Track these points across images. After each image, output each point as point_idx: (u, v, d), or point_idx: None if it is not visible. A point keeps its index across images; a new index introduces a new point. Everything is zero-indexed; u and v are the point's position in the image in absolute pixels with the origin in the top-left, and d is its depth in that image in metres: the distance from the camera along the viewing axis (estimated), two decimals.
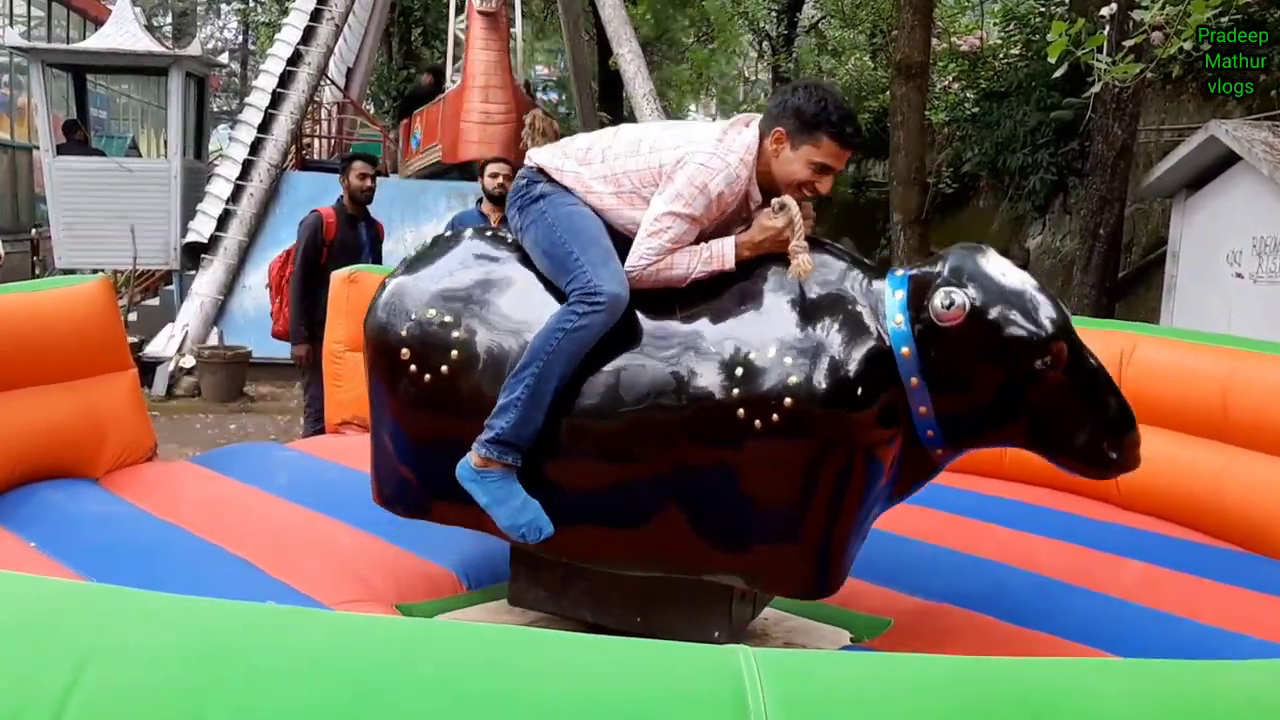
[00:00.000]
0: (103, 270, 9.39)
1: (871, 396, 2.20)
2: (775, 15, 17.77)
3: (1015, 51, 11.29)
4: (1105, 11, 4.77)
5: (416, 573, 2.98)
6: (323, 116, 15.03)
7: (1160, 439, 3.52)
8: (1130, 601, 2.86)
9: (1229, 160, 6.26)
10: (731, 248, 2.37)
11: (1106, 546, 3.24)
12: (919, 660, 1.14)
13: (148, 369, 8.68)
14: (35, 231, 14.86)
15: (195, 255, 9.99)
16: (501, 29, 10.89)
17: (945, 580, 2.99)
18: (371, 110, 17.97)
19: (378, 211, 5.96)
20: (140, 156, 12.99)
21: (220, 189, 10.04)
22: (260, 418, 8.30)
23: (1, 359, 3.43)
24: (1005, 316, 2.16)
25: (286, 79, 10.39)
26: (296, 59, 10.42)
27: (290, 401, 8.70)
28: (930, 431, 2.25)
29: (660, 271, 2.37)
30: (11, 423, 3.45)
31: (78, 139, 10.68)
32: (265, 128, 10.20)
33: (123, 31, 10.46)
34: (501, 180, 5.55)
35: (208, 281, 9.75)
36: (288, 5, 11.99)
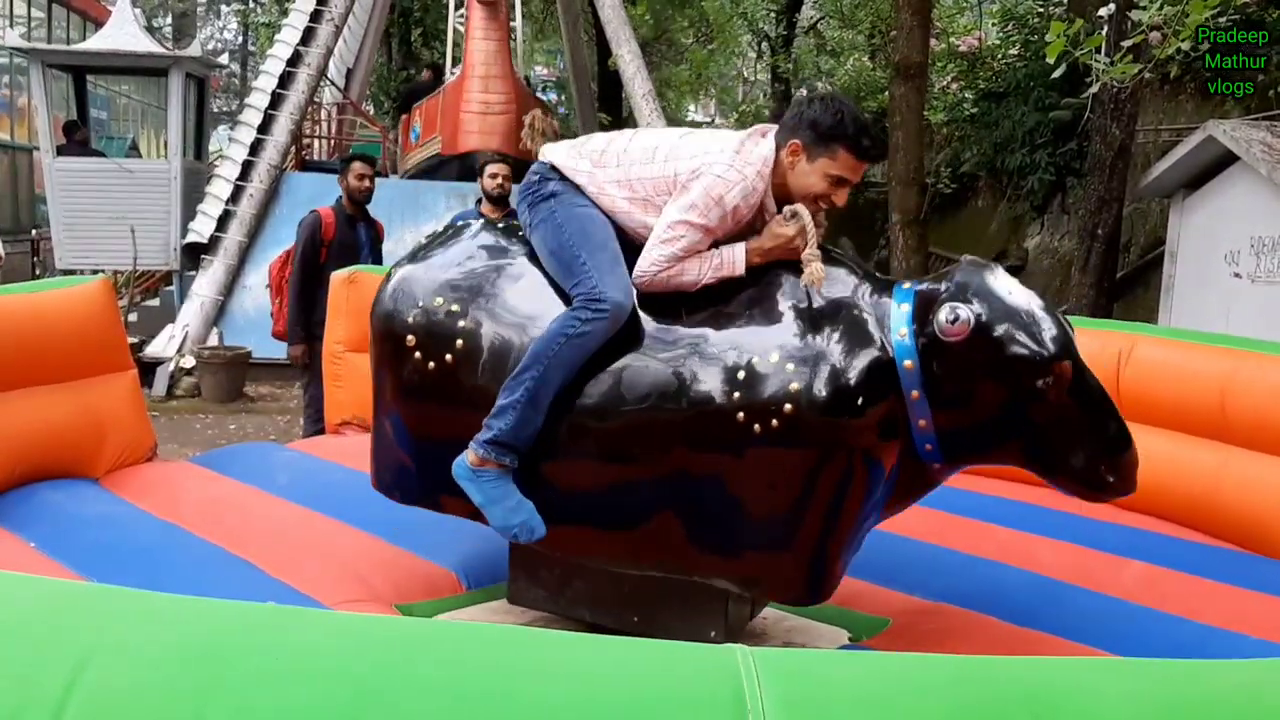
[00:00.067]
0: (103, 271, 9.38)
1: (871, 406, 2.20)
2: (774, 16, 17.76)
3: (1014, 52, 11.28)
4: (1103, 12, 4.76)
5: (416, 573, 2.98)
6: (322, 117, 15.05)
7: (1159, 438, 3.53)
8: (1130, 601, 2.86)
9: (1227, 160, 6.26)
10: (742, 254, 2.37)
11: (1106, 546, 3.24)
12: (918, 660, 1.14)
13: (148, 369, 8.68)
14: (35, 232, 14.85)
15: (195, 256, 9.99)
16: (501, 19, 10.75)
17: (944, 580, 2.99)
18: (371, 111, 17.97)
19: (377, 212, 5.96)
20: (140, 157, 12.98)
21: (220, 190, 10.03)
22: (260, 418, 8.30)
23: (2, 359, 3.43)
24: (1009, 334, 2.15)
25: (286, 80, 10.37)
26: (296, 60, 10.40)
27: (290, 402, 8.70)
28: (929, 445, 2.25)
29: (671, 278, 2.37)
30: (12, 423, 3.45)
31: (78, 140, 10.68)
32: (265, 129, 10.18)
33: (123, 32, 10.45)
34: (501, 181, 5.56)
35: (208, 282, 9.75)
36: (287, 6, 11.97)
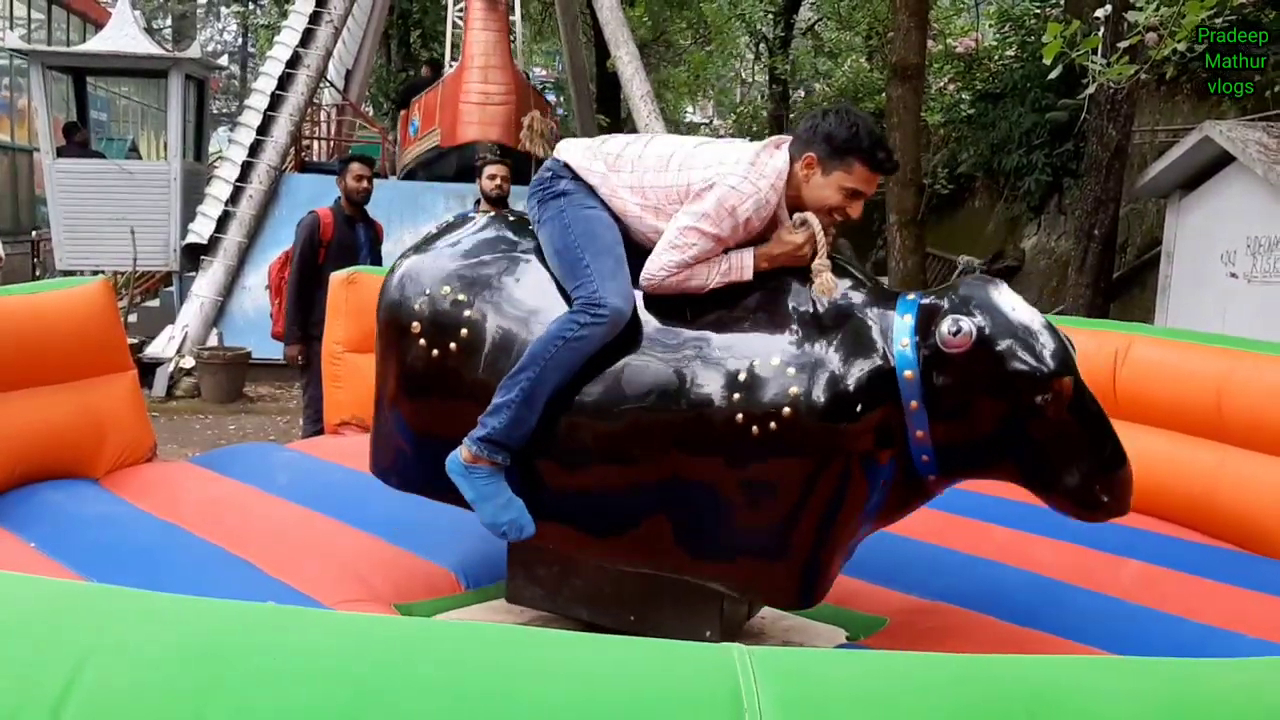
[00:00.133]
0: (103, 272, 9.39)
1: (869, 414, 2.20)
2: (772, 17, 17.76)
3: (1011, 53, 11.30)
4: (1100, 13, 4.77)
5: (415, 572, 2.99)
6: (322, 118, 15.04)
7: (1156, 438, 3.54)
8: (1128, 601, 2.87)
9: (1223, 161, 6.27)
10: (751, 260, 2.37)
11: (1104, 546, 3.23)
12: (915, 659, 1.14)
13: (148, 370, 8.68)
14: (35, 233, 14.84)
15: (195, 257, 9.99)
16: (501, 11, 10.66)
17: (942, 579, 3.00)
18: (370, 112, 17.96)
19: (376, 213, 5.96)
20: (140, 159, 12.96)
21: (220, 191, 10.03)
22: (260, 418, 8.30)
23: (2, 360, 3.44)
24: (1011, 349, 2.15)
25: (285, 81, 10.36)
26: (295, 61, 10.39)
27: (290, 402, 8.71)
28: (925, 457, 2.25)
29: (680, 283, 2.37)
30: (12, 423, 3.45)
31: (78, 141, 10.68)
32: (264, 130, 10.18)
33: (123, 34, 10.45)
34: (499, 182, 5.55)
35: (207, 283, 9.75)
36: (287, 8, 11.97)
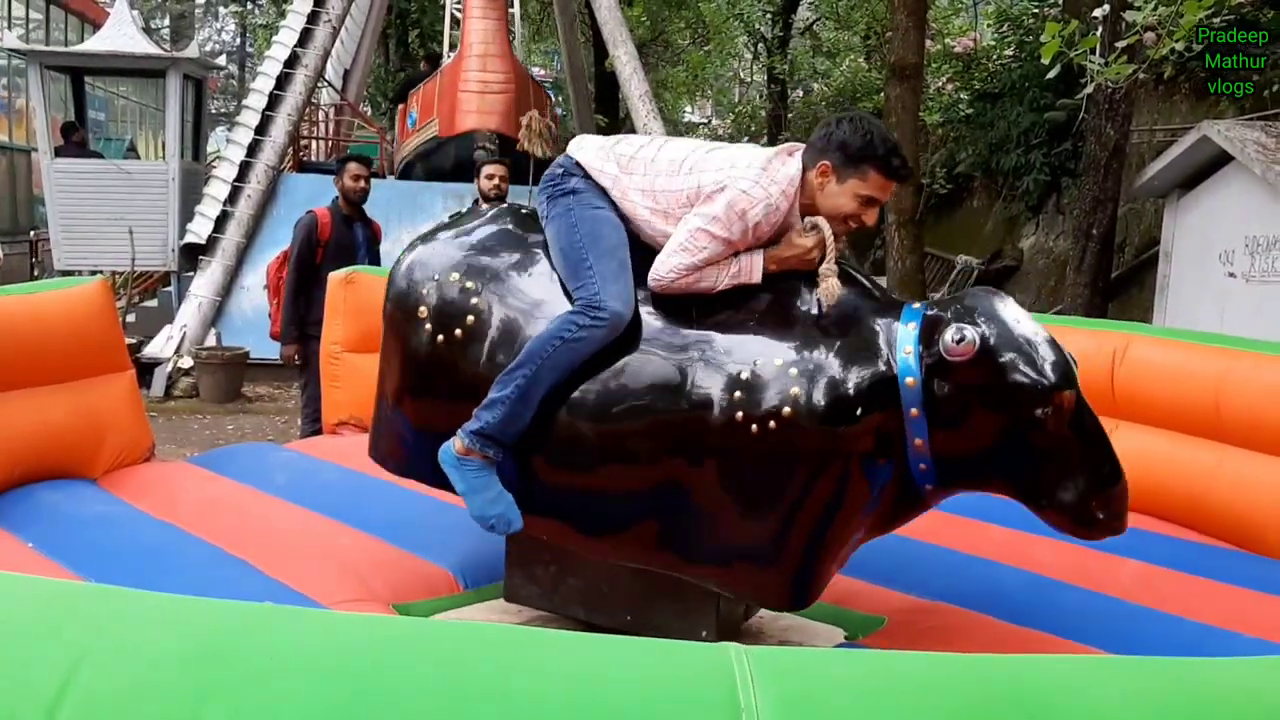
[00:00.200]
0: (101, 272, 9.40)
1: (869, 418, 2.20)
2: (770, 17, 17.77)
3: (1009, 53, 11.30)
4: (1098, 12, 4.78)
5: (413, 572, 2.99)
6: (320, 118, 15.04)
7: (1154, 438, 3.54)
8: (1126, 600, 2.87)
9: (1221, 160, 6.28)
10: (760, 263, 2.38)
11: (1103, 545, 3.22)
12: (913, 658, 1.14)
13: (146, 370, 8.68)
14: (34, 233, 14.84)
15: (193, 257, 9.98)
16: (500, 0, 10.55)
17: (941, 578, 3.00)
18: (368, 112, 17.95)
19: (374, 212, 5.96)
20: (138, 158, 12.96)
21: (218, 191, 10.02)
22: (258, 418, 8.29)
23: (0, 360, 3.44)
24: (1013, 360, 2.15)
25: (283, 81, 10.35)
26: (293, 61, 10.38)
27: (288, 402, 8.71)
28: (923, 465, 2.24)
29: (689, 285, 2.38)
30: (10, 424, 3.45)
31: (76, 141, 10.67)
32: (262, 130, 10.17)
33: (121, 34, 10.44)
34: (497, 182, 5.55)
35: (205, 283, 9.74)
36: (285, 8, 11.96)
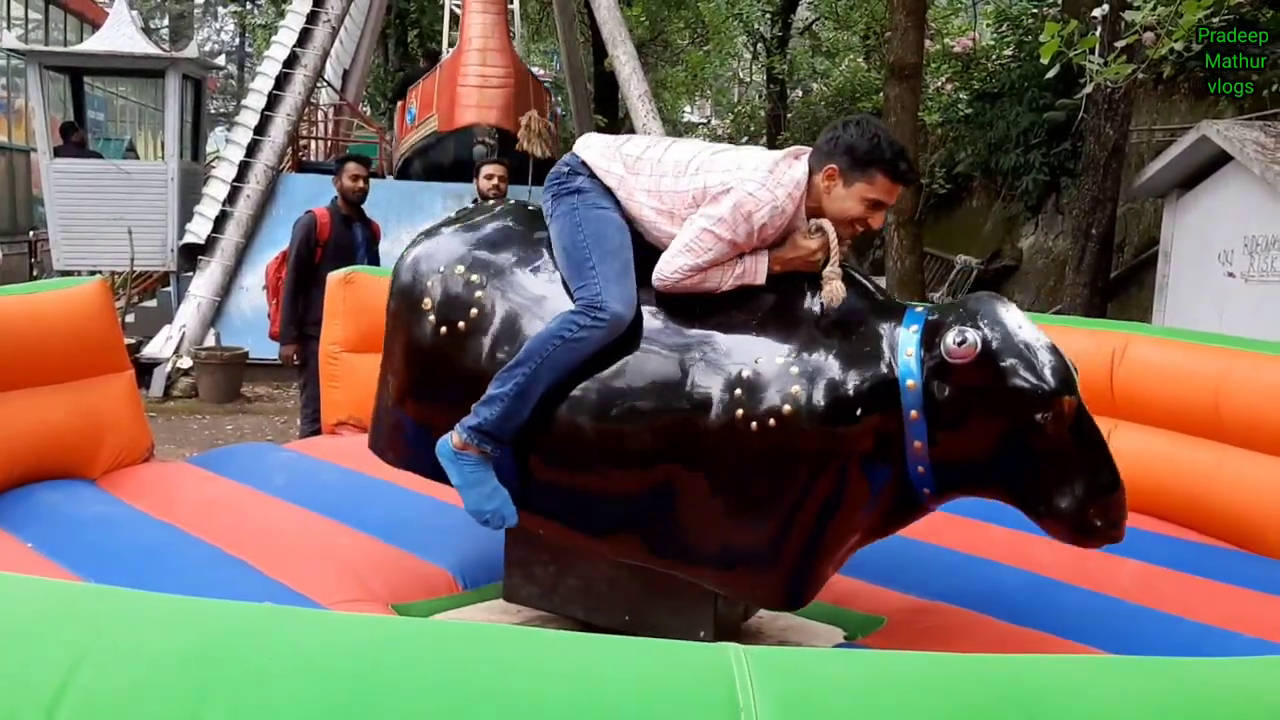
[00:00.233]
0: (100, 272, 9.40)
1: (869, 419, 2.20)
2: (769, 17, 17.78)
3: (1008, 53, 11.31)
4: (1097, 12, 4.78)
5: (412, 573, 2.99)
6: (319, 118, 15.04)
7: (1154, 438, 3.55)
8: (1126, 600, 2.87)
9: (1220, 160, 6.28)
10: (765, 264, 2.38)
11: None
12: (912, 658, 1.14)
13: (145, 370, 8.68)
14: (33, 233, 14.83)
15: (192, 257, 9.98)
16: None
17: (940, 578, 3.00)
18: (368, 112, 17.95)
19: (373, 212, 5.96)
20: (137, 159, 12.97)
21: (217, 191, 10.01)
22: (257, 418, 8.29)
23: (0, 360, 3.44)
24: (1014, 365, 2.15)
25: (283, 81, 10.34)
26: (293, 61, 10.37)
27: (287, 402, 8.70)
28: (921, 468, 2.24)
29: (694, 285, 2.38)
30: (9, 424, 3.45)
31: (75, 141, 10.67)
32: (262, 130, 10.16)
33: (120, 34, 10.44)
34: (496, 182, 5.54)
35: (205, 283, 9.73)
36: (284, 8, 11.95)
